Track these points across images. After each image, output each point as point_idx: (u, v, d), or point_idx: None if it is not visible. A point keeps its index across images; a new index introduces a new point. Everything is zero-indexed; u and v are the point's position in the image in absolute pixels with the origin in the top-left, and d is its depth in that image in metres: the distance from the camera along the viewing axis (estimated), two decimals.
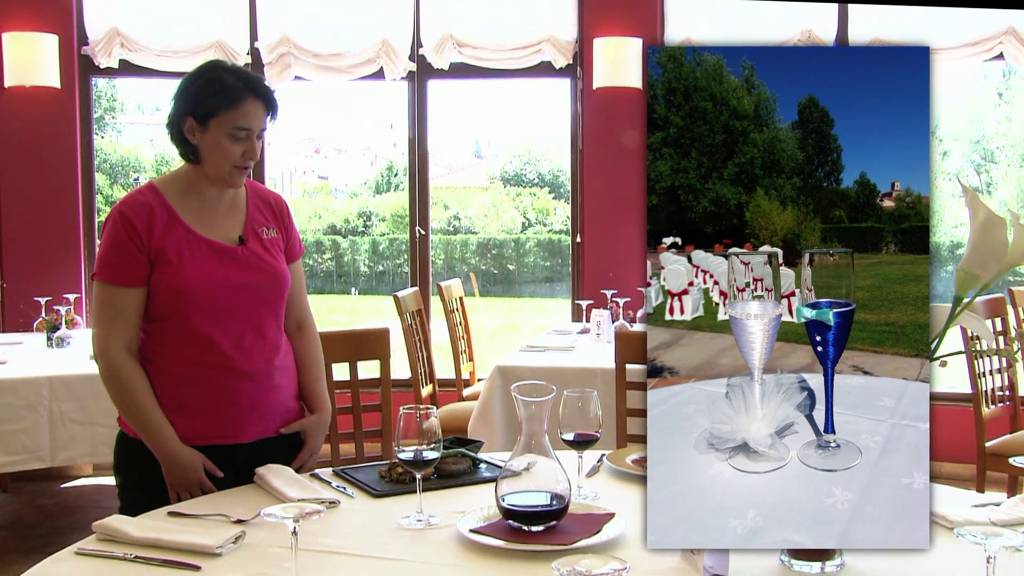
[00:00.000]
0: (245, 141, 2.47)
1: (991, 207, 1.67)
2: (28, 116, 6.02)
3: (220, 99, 2.44)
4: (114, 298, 2.44)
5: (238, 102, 2.45)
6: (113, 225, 2.44)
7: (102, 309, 2.46)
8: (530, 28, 6.25)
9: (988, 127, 19.17)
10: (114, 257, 2.43)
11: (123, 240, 2.42)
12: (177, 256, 2.45)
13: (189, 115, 2.47)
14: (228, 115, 2.44)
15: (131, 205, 2.46)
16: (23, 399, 4.25)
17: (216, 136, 2.45)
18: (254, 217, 2.61)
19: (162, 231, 2.45)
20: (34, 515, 5.33)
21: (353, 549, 1.94)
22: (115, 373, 2.43)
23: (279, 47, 6.21)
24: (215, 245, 2.50)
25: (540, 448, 1.96)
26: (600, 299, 5.87)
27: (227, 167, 2.48)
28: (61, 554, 1.91)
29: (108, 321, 2.44)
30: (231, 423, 2.51)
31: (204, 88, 2.47)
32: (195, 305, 2.45)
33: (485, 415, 4.44)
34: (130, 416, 2.46)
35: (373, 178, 22.28)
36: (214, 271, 2.48)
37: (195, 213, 2.51)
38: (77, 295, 5.94)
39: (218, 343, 2.47)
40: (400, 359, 4.69)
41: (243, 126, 2.45)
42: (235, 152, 2.46)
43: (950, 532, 1.97)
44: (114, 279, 2.43)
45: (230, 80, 2.47)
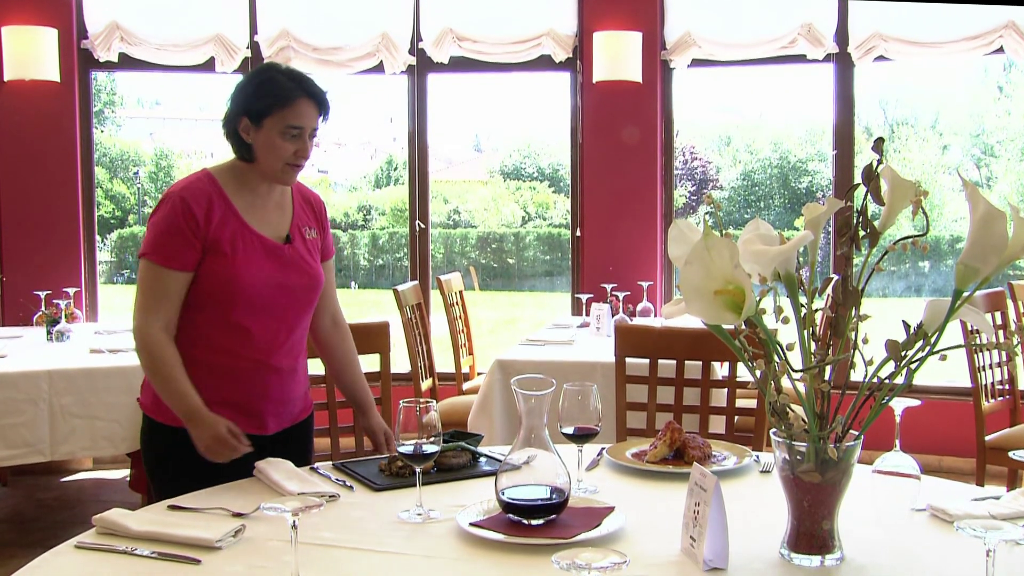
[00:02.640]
0: (298, 140, 2.51)
1: (991, 201, 1.67)
2: (28, 110, 6.01)
3: (273, 99, 2.49)
4: (162, 280, 2.46)
5: (291, 102, 2.49)
6: (172, 208, 2.46)
7: (148, 289, 2.47)
8: (530, 22, 6.24)
9: (988, 121, 19.17)
10: (168, 240, 2.45)
11: (180, 225, 2.45)
12: (232, 248, 2.49)
13: (243, 115, 2.52)
14: (281, 114, 2.48)
15: (192, 191, 2.49)
16: (23, 393, 4.25)
17: (270, 135, 2.49)
18: (299, 216, 2.67)
19: (219, 221, 2.49)
20: (34, 509, 5.34)
21: (353, 543, 1.94)
22: (150, 347, 2.46)
23: (279, 41, 6.20)
24: (266, 242, 2.55)
25: (540, 442, 1.96)
26: (600, 293, 5.87)
27: (280, 165, 2.52)
28: (61, 548, 1.91)
29: (152, 301, 2.46)
30: (257, 415, 2.58)
31: (258, 89, 2.52)
32: (240, 299, 2.49)
33: (485, 409, 4.44)
34: (160, 384, 2.47)
35: (373, 172, 22.29)
36: (263, 267, 2.53)
37: (248, 207, 2.56)
38: (77, 289, 5.93)
39: (255, 337, 2.53)
40: (400, 353, 4.69)
41: (296, 125, 2.49)
42: (288, 150, 2.51)
43: (950, 526, 1.97)
44: (166, 262, 2.45)
45: (283, 80, 2.51)
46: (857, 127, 6.22)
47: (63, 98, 6.07)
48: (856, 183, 1.76)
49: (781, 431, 1.79)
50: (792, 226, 17.88)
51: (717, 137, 21.14)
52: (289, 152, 2.51)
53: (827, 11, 5.97)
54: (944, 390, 5.85)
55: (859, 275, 1.77)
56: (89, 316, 6.16)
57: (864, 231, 1.75)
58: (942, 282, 16.57)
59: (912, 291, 16.91)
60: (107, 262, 20.42)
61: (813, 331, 1.79)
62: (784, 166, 20.39)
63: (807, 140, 20.53)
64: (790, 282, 1.77)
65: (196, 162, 23.44)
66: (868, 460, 2.08)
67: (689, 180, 19.39)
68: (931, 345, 1.73)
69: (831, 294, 1.81)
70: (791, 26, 5.96)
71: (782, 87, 22.54)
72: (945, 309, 1.72)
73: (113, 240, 20.88)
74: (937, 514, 2.04)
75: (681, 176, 18.54)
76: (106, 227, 20.68)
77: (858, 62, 5.93)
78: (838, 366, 1.78)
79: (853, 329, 1.77)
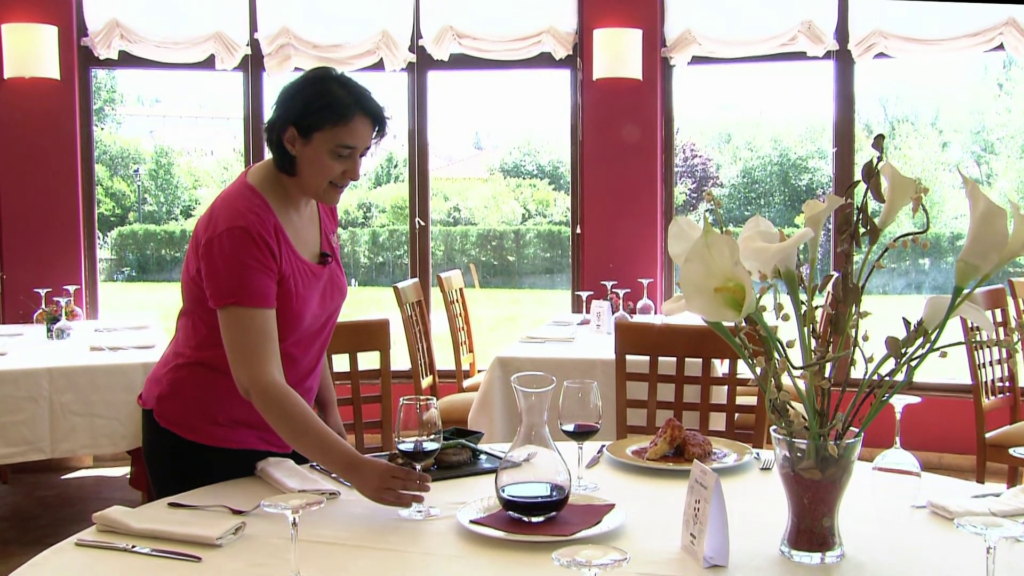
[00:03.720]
0: (348, 160, 2.32)
1: (991, 198, 1.67)
2: (28, 108, 6.01)
3: (328, 113, 2.27)
4: (260, 322, 2.24)
5: (347, 119, 2.28)
6: (244, 243, 2.24)
7: (249, 336, 2.24)
8: (530, 19, 6.24)
9: (988, 118, 19.17)
10: (252, 279, 2.24)
11: (260, 260, 2.25)
12: (293, 282, 2.33)
13: (291, 124, 2.30)
14: (334, 132, 2.28)
15: (258, 222, 2.27)
16: (23, 390, 4.25)
17: (318, 151, 2.29)
18: (325, 223, 2.54)
19: (285, 253, 2.32)
20: (34, 506, 5.34)
21: (353, 540, 1.94)
22: (281, 402, 2.23)
23: (279, 38, 6.20)
24: (312, 268, 2.41)
25: (540, 439, 1.96)
26: (600, 290, 5.87)
27: (324, 184, 2.33)
28: (61, 545, 1.91)
29: (259, 347, 2.24)
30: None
31: (312, 99, 2.29)
32: (296, 332, 2.38)
33: (485, 406, 4.44)
34: (303, 442, 2.23)
35: (373, 169, 22.28)
36: (312, 297, 2.40)
37: (293, 228, 2.39)
38: (77, 287, 5.94)
39: (299, 364, 2.43)
40: (400, 350, 4.69)
41: (349, 144, 2.29)
42: (336, 170, 2.31)
43: (950, 523, 1.97)
44: (258, 302, 2.24)
45: (341, 94, 2.29)
46: (857, 124, 6.22)
47: (63, 96, 6.07)
48: (856, 180, 1.76)
49: (781, 428, 1.79)
50: (792, 223, 17.89)
51: (717, 134, 21.14)
52: (337, 172, 2.31)
53: (827, 8, 5.97)
54: (944, 387, 5.85)
55: (859, 272, 1.77)
56: (89, 314, 6.17)
57: (864, 228, 1.75)
58: (942, 279, 16.58)
59: (912, 288, 16.91)
60: (107, 260, 20.43)
61: (813, 328, 1.79)
62: (784, 163, 20.39)
63: (807, 137, 20.52)
64: (790, 279, 1.77)
65: (196, 159, 23.45)
66: (868, 457, 2.08)
67: (689, 177, 19.39)
68: (931, 342, 1.73)
69: (831, 291, 1.81)
70: (791, 23, 5.96)
71: (782, 84, 22.53)
72: (945, 306, 1.72)
73: (113, 238, 20.89)
74: (937, 511, 2.04)
75: (681, 173, 18.54)
76: (106, 225, 20.69)
77: (858, 59, 5.93)
78: (838, 363, 1.78)
79: (853, 326, 1.77)
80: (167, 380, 2.45)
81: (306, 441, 2.22)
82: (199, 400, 2.42)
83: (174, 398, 2.44)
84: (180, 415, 2.43)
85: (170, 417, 2.44)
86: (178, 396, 2.43)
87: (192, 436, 2.42)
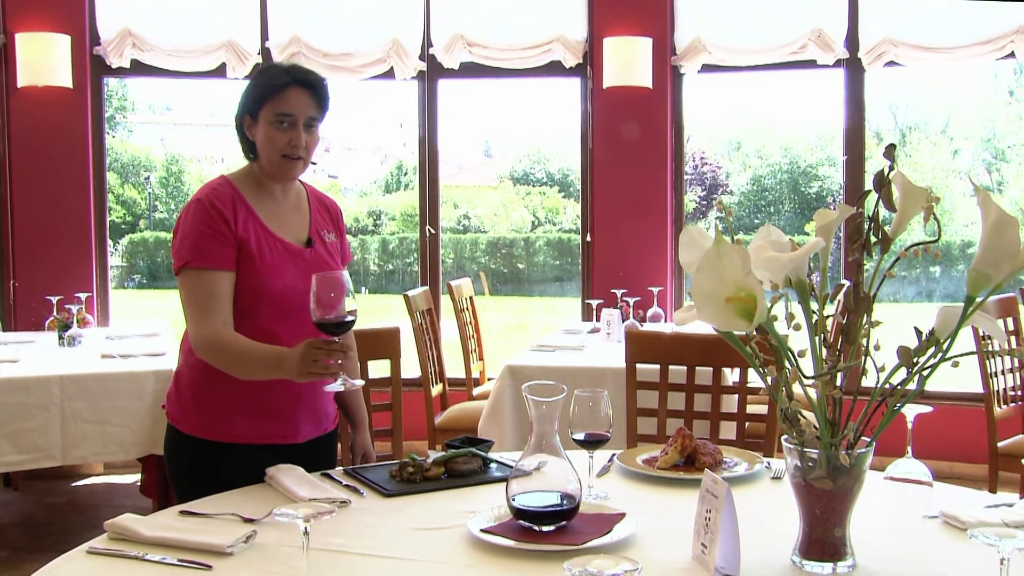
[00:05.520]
0: (290, 130, 2.49)
1: (1003, 206, 1.66)
2: (41, 116, 6.04)
3: (265, 89, 2.51)
4: (208, 282, 2.42)
5: (280, 90, 2.49)
6: (198, 212, 2.45)
7: (196, 296, 2.42)
8: (540, 28, 6.25)
9: (999, 125, 19.10)
10: (203, 243, 2.42)
11: (212, 225, 2.44)
12: (258, 252, 2.47)
13: (247, 113, 2.55)
14: (271, 103, 2.49)
15: (215, 194, 2.49)
16: (34, 398, 4.26)
17: (264, 127, 2.50)
18: (317, 220, 2.66)
19: (243, 224, 2.48)
20: (45, 513, 5.35)
21: (364, 548, 1.94)
22: (217, 346, 2.40)
23: (290, 47, 6.22)
24: (288, 246, 2.55)
25: (551, 448, 1.96)
26: (610, 298, 5.87)
27: (276, 157, 2.51)
28: (73, 553, 1.92)
29: (203, 305, 2.41)
30: (289, 423, 2.57)
31: (255, 84, 2.55)
32: (269, 304, 2.48)
33: (495, 414, 4.44)
34: (242, 369, 2.40)
35: (383, 177, 22.32)
36: (287, 271, 2.51)
37: (268, 212, 2.55)
38: (89, 294, 5.96)
39: (283, 343, 2.48)
40: (410, 358, 4.69)
41: (285, 112, 2.48)
42: (281, 140, 2.49)
43: (962, 533, 1.97)
44: (210, 263, 2.42)
45: (276, 72, 2.54)
46: (867, 132, 6.21)
47: (75, 104, 6.10)
48: (868, 189, 1.76)
49: (793, 438, 1.78)
50: (802, 231, 17.84)
51: (727, 142, 21.11)
52: (282, 142, 2.49)
53: (837, 16, 5.96)
54: (956, 396, 5.83)
55: (870, 281, 1.77)
56: (100, 321, 6.18)
57: (876, 238, 1.75)
58: (953, 287, 16.52)
59: (923, 296, 16.85)
60: (118, 267, 20.49)
61: (825, 337, 1.78)
62: (794, 171, 20.35)
63: (817, 145, 20.48)
64: (801, 288, 1.77)
65: (207, 167, 23.51)
66: (880, 466, 2.07)
67: (699, 185, 19.37)
68: (943, 352, 1.72)
69: (843, 300, 1.81)
70: (801, 31, 5.95)
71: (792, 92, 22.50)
72: (957, 316, 1.72)
73: (124, 245, 20.95)
74: (950, 521, 2.04)
75: (691, 181, 18.52)
76: (117, 232, 20.75)
77: (868, 67, 5.92)
78: (849, 372, 1.78)
79: (865, 336, 1.76)
80: (172, 379, 2.64)
81: (250, 368, 2.40)
82: (193, 393, 2.55)
83: (176, 395, 2.59)
84: (178, 410, 2.58)
85: (173, 414, 2.59)
86: (179, 392, 2.59)
87: (189, 430, 2.54)
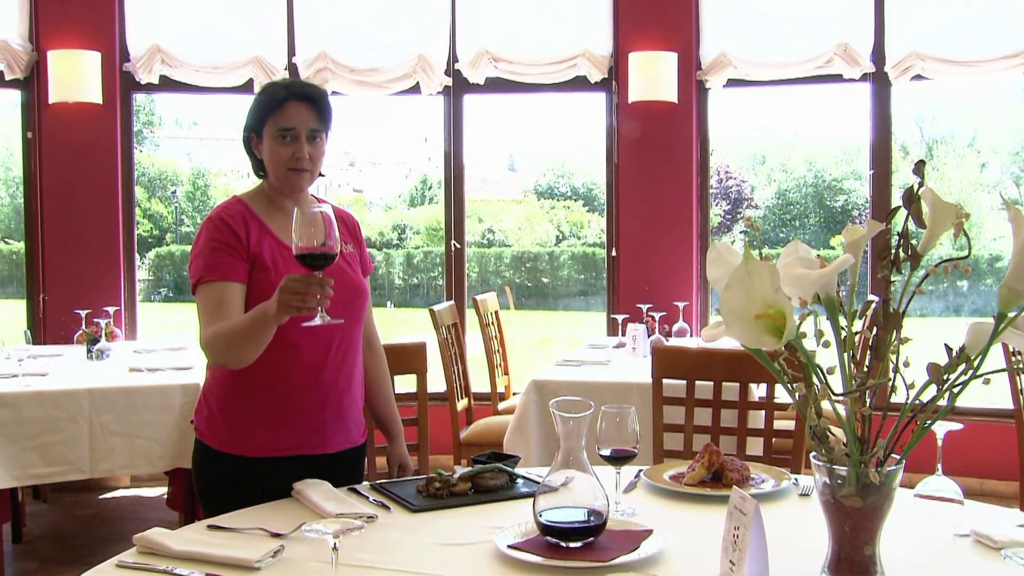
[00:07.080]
0: (293, 143, 2.54)
1: None
2: (71, 131, 6.12)
3: (265, 107, 2.56)
4: (220, 293, 2.46)
5: (279, 105, 2.54)
6: (209, 230, 2.51)
7: (209, 306, 2.45)
8: (565, 43, 6.26)
9: None
10: (214, 257, 2.48)
11: (222, 240, 2.49)
12: (272, 264, 2.51)
13: (252, 131, 2.60)
14: (273, 119, 2.54)
15: (225, 212, 2.55)
16: (63, 411, 4.29)
17: (268, 142, 2.55)
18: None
19: (256, 239, 2.52)
20: (73, 525, 5.39)
21: (391, 564, 1.94)
22: (215, 334, 2.41)
23: (316, 62, 6.26)
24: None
25: (578, 464, 1.96)
26: (636, 313, 5.85)
27: (282, 171, 2.55)
28: (103, 566, 1.93)
29: (212, 313, 2.44)
30: (317, 433, 2.58)
31: (257, 102, 2.60)
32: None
33: (521, 429, 4.43)
34: (241, 339, 2.37)
35: (407, 191, 22.40)
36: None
37: (281, 225, 2.58)
38: (117, 308, 6.01)
39: (303, 352, 2.52)
40: (436, 372, 4.70)
41: (286, 127, 2.53)
42: (285, 154, 2.54)
43: (995, 552, 1.95)
44: (219, 275, 2.46)
45: (275, 88, 2.59)
46: (894, 145, 6.18)
47: (105, 120, 6.17)
48: (896, 206, 1.75)
49: (821, 455, 1.77)
50: (828, 245, 17.74)
51: (752, 156, 21.04)
52: (286, 156, 2.54)
53: (863, 30, 5.95)
54: (986, 412, 5.77)
55: (899, 297, 1.75)
56: (128, 335, 6.23)
57: (905, 254, 1.74)
58: (981, 302, 16.37)
59: (951, 311, 16.70)
60: (145, 280, 20.64)
61: (853, 354, 1.77)
62: (819, 185, 20.25)
63: (842, 159, 20.38)
64: (830, 305, 1.76)
65: (232, 181, 23.67)
66: (909, 484, 2.06)
67: (724, 199, 19.32)
68: (974, 369, 1.71)
69: (870, 316, 1.80)
70: (827, 46, 5.94)
71: (817, 105, 22.39)
72: (988, 332, 1.70)
73: (151, 259, 21.11)
74: (982, 540, 2.01)
75: (716, 195, 18.49)
76: (144, 246, 20.91)
77: (895, 81, 5.89)
78: (879, 389, 1.76)
79: (894, 352, 1.75)
80: (200, 394, 2.67)
81: (244, 333, 2.36)
82: (220, 408, 2.58)
83: (203, 410, 2.63)
84: (206, 425, 2.61)
85: (200, 428, 2.63)
86: (206, 407, 2.62)
87: (216, 445, 2.57)
